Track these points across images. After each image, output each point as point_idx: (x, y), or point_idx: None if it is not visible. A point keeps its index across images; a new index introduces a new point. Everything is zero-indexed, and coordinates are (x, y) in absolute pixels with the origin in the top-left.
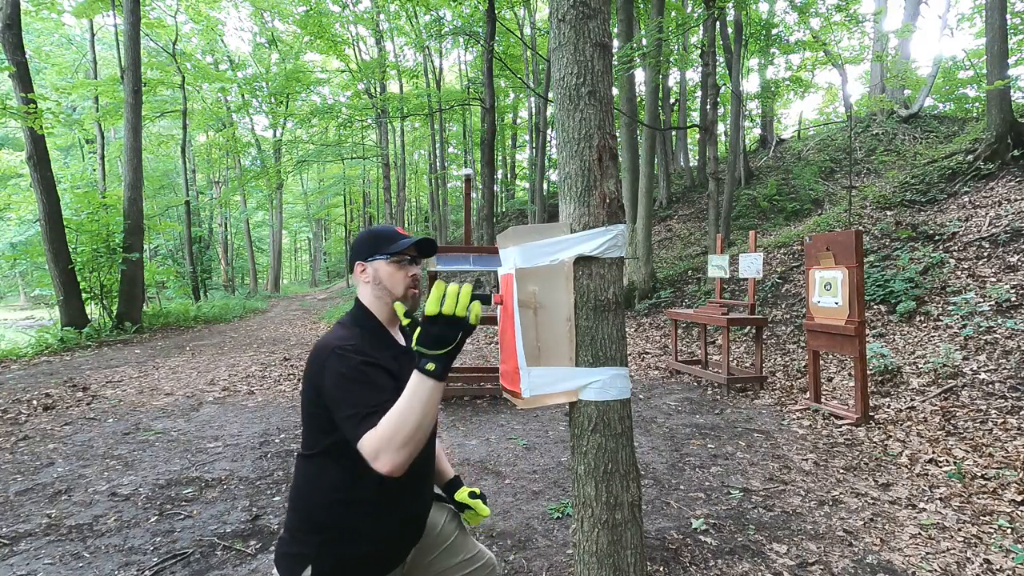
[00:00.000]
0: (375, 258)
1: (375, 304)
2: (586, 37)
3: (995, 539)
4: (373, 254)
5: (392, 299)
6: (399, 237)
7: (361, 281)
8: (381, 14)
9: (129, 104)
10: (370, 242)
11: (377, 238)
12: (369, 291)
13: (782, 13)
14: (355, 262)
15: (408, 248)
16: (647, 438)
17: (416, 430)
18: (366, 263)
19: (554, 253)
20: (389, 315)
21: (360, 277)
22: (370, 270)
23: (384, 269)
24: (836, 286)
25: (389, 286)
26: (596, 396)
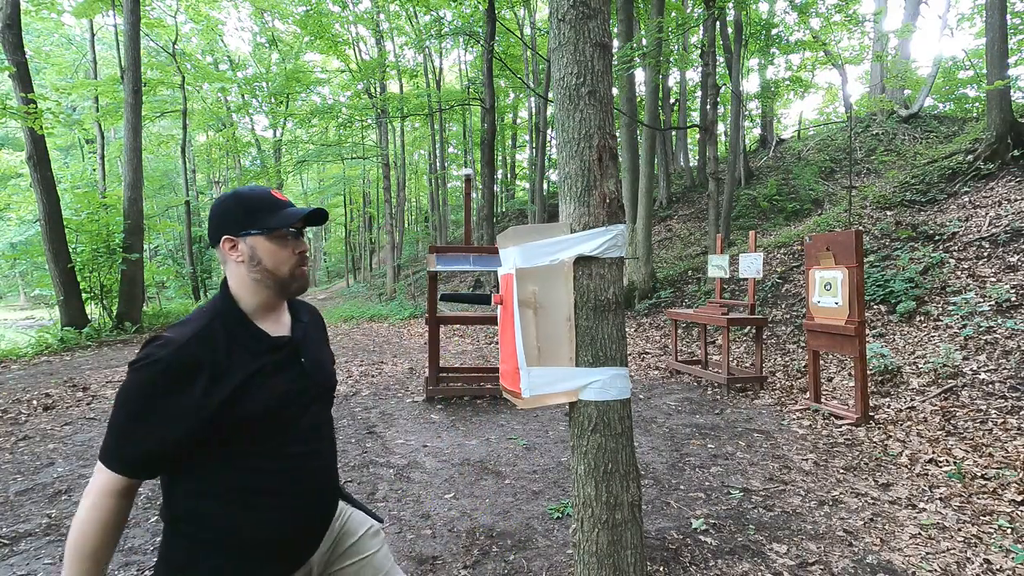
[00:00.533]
0: (250, 233)
1: (251, 288)
2: (586, 37)
3: (995, 539)
4: (247, 228)
5: (275, 282)
6: (280, 204)
7: (231, 260)
8: (381, 14)
9: (129, 104)
10: (242, 212)
11: (251, 207)
12: (243, 273)
13: (782, 13)
14: (221, 237)
15: (284, 222)
16: (647, 438)
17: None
18: (238, 239)
19: (554, 253)
20: (264, 301)
21: (229, 256)
22: (244, 248)
23: (264, 246)
24: (836, 286)
25: (272, 266)
26: (596, 396)
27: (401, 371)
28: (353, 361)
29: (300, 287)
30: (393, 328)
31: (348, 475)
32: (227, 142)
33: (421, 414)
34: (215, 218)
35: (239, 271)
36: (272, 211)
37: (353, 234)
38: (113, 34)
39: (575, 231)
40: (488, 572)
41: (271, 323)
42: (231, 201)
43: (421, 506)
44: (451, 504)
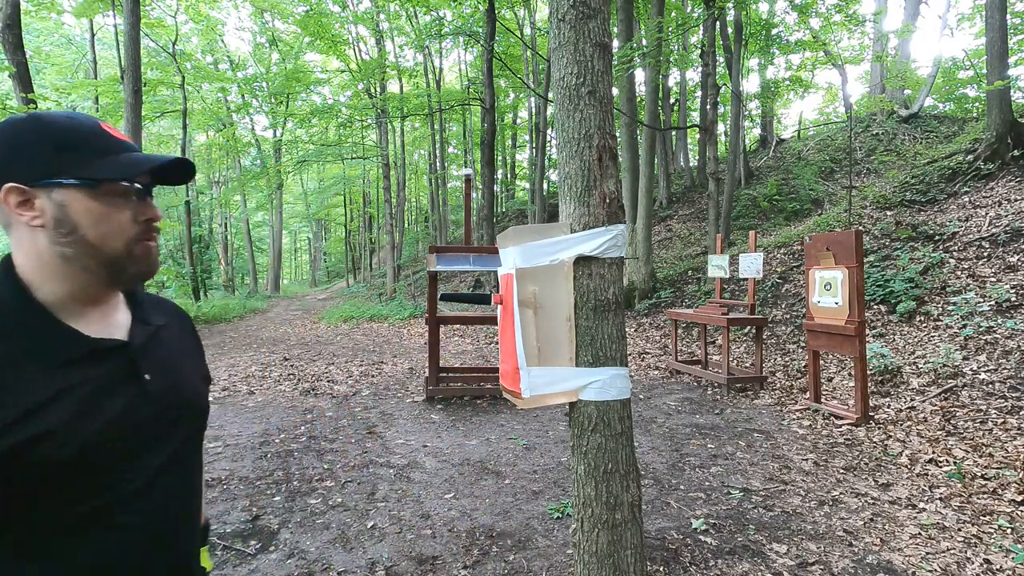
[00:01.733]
0: (60, 182)
1: (55, 269)
2: (586, 37)
3: (995, 539)
4: (55, 173)
5: (101, 260)
6: (116, 145)
7: (18, 222)
8: (381, 14)
9: (129, 104)
10: (49, 147)
11: (65, 141)
12: (41, 244)
13: (782, 13)
14: (3, 182)
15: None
16: (647, 438)
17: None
18: (35, 189)
19: (554, 253)
20: (78, 289)
21: (17, 215)
22: (47, 205)
23: (84, 206)
24: (836, 286)
25: (96, 238)
26: (596, 396)
27: (401, 371)
28: (353, 361)
29: (142, 271)
30: (393, 328)
31: (348, 475)
32: (227, 142)
33: (421, 414)
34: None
35: (34, 240)
36: (103, 152)
37: (353, 234)
38: (113, 34)
39: (575, 231)
40: (488, 572)
41: (93, 322)
42: (27, 128)
43: (421, 506)
44: (451, 504)
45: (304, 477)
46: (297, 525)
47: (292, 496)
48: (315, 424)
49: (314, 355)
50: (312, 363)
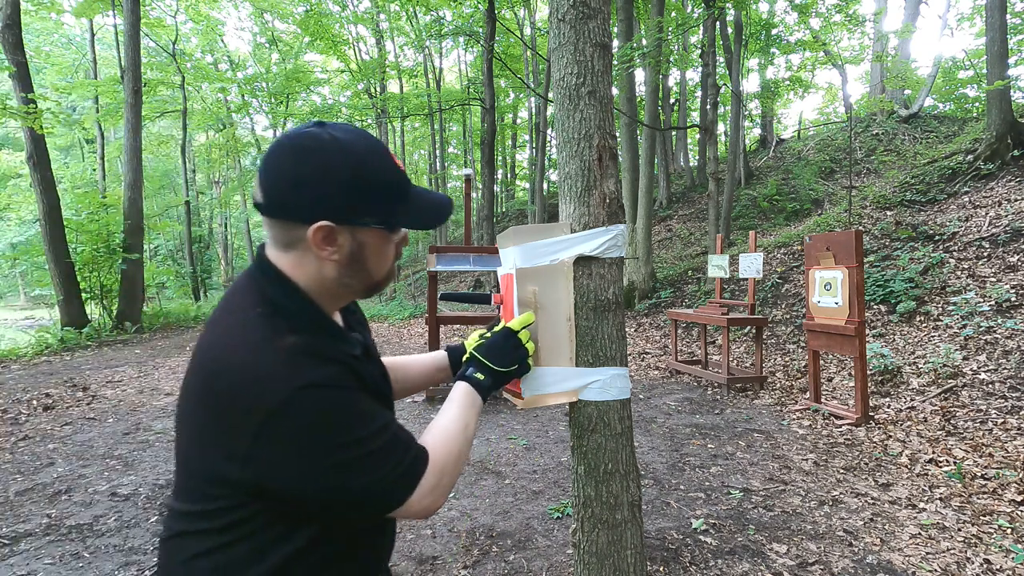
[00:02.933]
0: (367, 223)
1: (333, 294)
2: (586, 37)
3: (995, 539)
4: (366, 216)
5: (367, 286)
6: (403, 179)
7: (317, 254)
8: (381, 14)
9: (129, 104)
10: (362, 189)
11: (376, 183)
12: (328, 273)
13: (782, 13)
14: (316, 219)
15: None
16: (647, 438)
17: (462, 459)
18: (344, 227)
19: (554, 253)
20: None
21: (320, 250)
22: (347, 242)
23: (377, 243)
24: (836, 286)
25: (374, 268)
26: (596, 396)
27: None
28: None
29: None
30: (393, 328)
31: None
32: (227, 142)
33: (421, 414)
34: (313, 185)
35: (320, 269)
36: (401, 196)
37: None
38: (113, 34)
39: (575, 231)
40: (488, 572)
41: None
42: (341, 163)
43: None
44: (451, 504)
45: None
46: None
47: None
48: None
49: None
50: None
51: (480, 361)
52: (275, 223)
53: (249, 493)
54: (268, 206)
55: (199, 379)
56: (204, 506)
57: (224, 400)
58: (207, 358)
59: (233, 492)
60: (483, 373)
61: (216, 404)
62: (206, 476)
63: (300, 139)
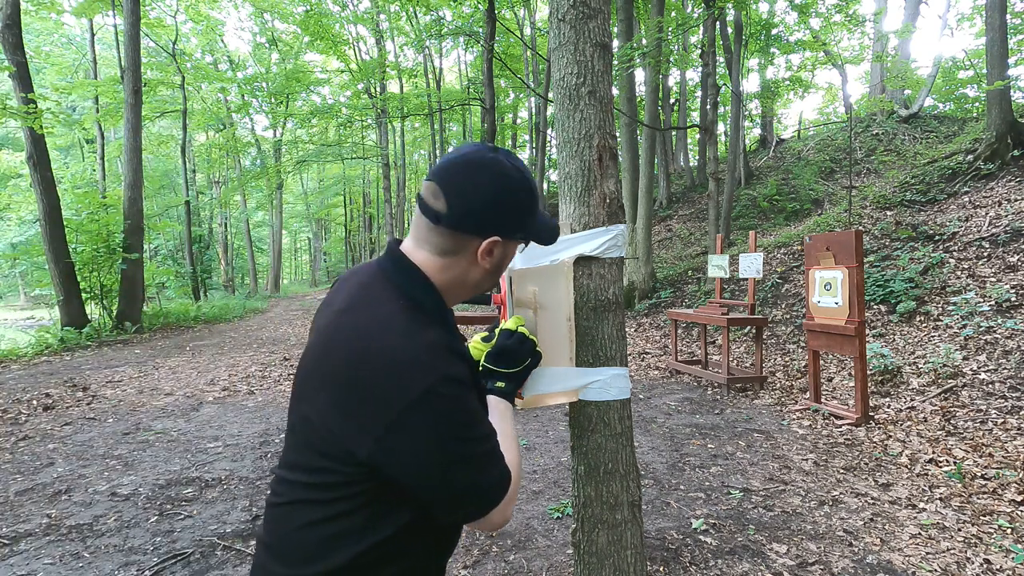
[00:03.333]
0: (516, 236)
1: (463, 292)
2: (586, 37)
3: (995, 539)
4: (520, 231)
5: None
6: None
7: (473, 262)
8: (381, 14)
9: (129, 104)
10: (524, 209)
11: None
12: (468, 277)
13: (782, 13)
14: (490, 233)
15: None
16: (647, 438)
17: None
18: (505, 240)
19: (554, 253)
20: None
21: (481, 259)
22: (499, 252)
23: (511, 253)
24: (836, 286)
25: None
26: (596, 396)
27: None
28: None
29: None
30: None
31: None
32: (227, 142)
33: None
34: (497, 205)
35: (468, 272)
36: (535, 212)
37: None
38: (113, 34)
39: (575, 231)
40: (488, 572)
41: None
42: (523, 189)
43: None
44: None
45: None
46: None
47: None
48: None
49: None
50: None
51: (493, 371)
52: (445, 232)
53: (369, 473)
54: (451, 217)
55: (338, 361)
56: (323, 479)
57: (367, 382)
58: (352, 342)
59: (355, 470)
60: (502, 380)
61: (359, 385)
62: (332, 452)
63: (489, 163)
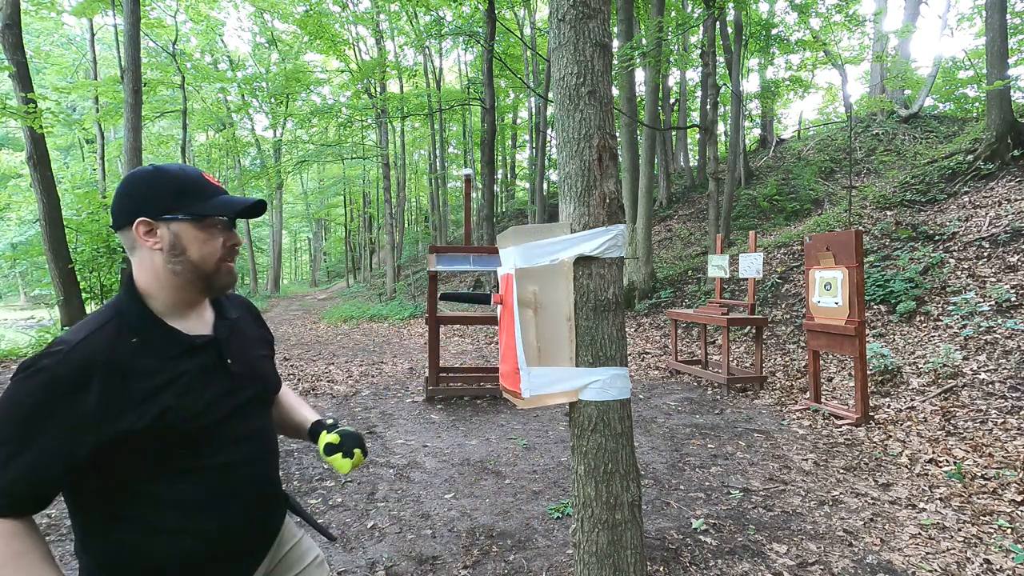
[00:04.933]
0: (176, 217)
1: (167, 282)
2: (586, 37)
3: (995, 539)
4: (172, 211)
5: (197, 276)
6: (212, 189)
7: (143, 247)
8: (381, 14)
9: (129, 104)
10: (168, 192)
11: (180, 188)
12: (158, 264)
13: (782, 13)
14: (135, 218)
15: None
16: (647, 438)
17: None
18: (158, 223)
19: (554, 253)
20: (182, 297)
21: (143, 242)
22: (165, 234)
23: (191, 235)
24: (836, 286)
25: (196, 259)
26: (596, 396)
27: (401, 371)
28: (353, 361)
29: (226, 284)
30: (393, 328)
31: (349, 475)
32: (227, 142)
33: (421, 414)
34: (127, 196)
35: (153, 261)
36: (204, 195)
37: (353, 234)
38: (113, 34)
39: (575, 231)
40: (488, 572)
41: (190, 321)
42: (153, 178)
43: (421, 506)
44: (451, 504)
45: (304, 477)
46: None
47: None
48: None
49: (314, 355)
50: (312, 363)
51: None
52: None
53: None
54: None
55: None
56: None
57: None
58: None
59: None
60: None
61: None
62: None
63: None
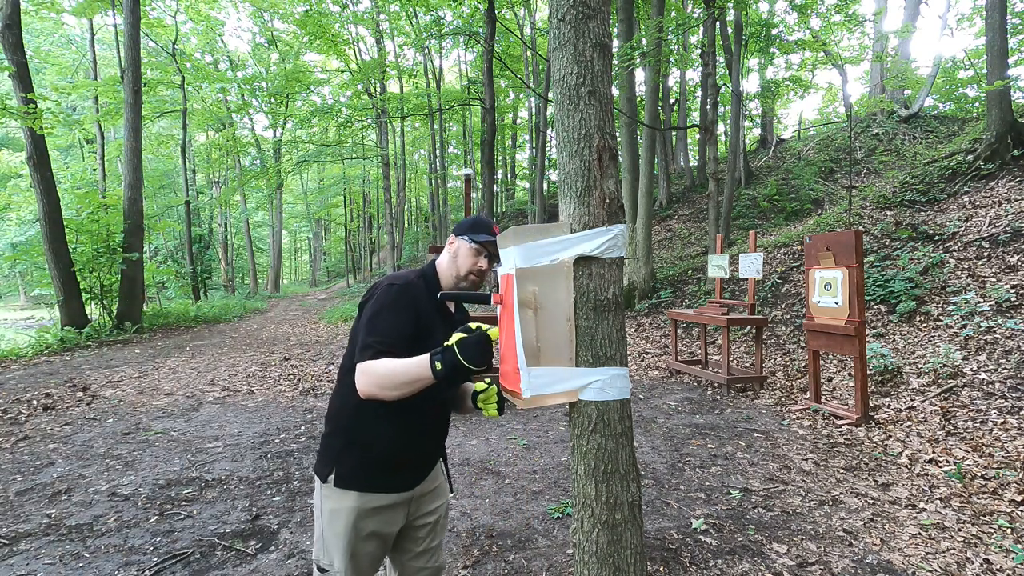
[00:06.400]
0: (463, 237)
1: (445, 270)
2: (586, 37)
3: (995, 539)
4: (465, 233)
5: (454, 273)
6: (488, 232)
7: (447, 249)
8: (381, 14)
9: (129, 104)
10: (468, 225)
11: (475, 225)
12: (447, 260)
13: (782, 13)
14: (453, 233)
15: (484, 243)
16: (647, 438)
17: (391, 387)
18: (457, 238)
19: (554, 253)
20: (449, 284)
21: (448, 247)
22: (457, 244)
23: (464, 249)
24: (836, 286)
25: (460, 264)
26: (596, 396)
27: None
28: None
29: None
30: None
31: None
32: (227, 142)
33: None
34: (457, 224)
35: (446, 258)
36: (483, 233)
37: (353, 234)
38: (113, 34)
39: (575, 231)
40: (488, 572)
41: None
42: (470, 218)
43: None
44: (451, 504)
45: (304, 477)
46: (297, 525)
47: (292, 496)
48: (315, 424)
49: (314, 355)
50: (312, 363)
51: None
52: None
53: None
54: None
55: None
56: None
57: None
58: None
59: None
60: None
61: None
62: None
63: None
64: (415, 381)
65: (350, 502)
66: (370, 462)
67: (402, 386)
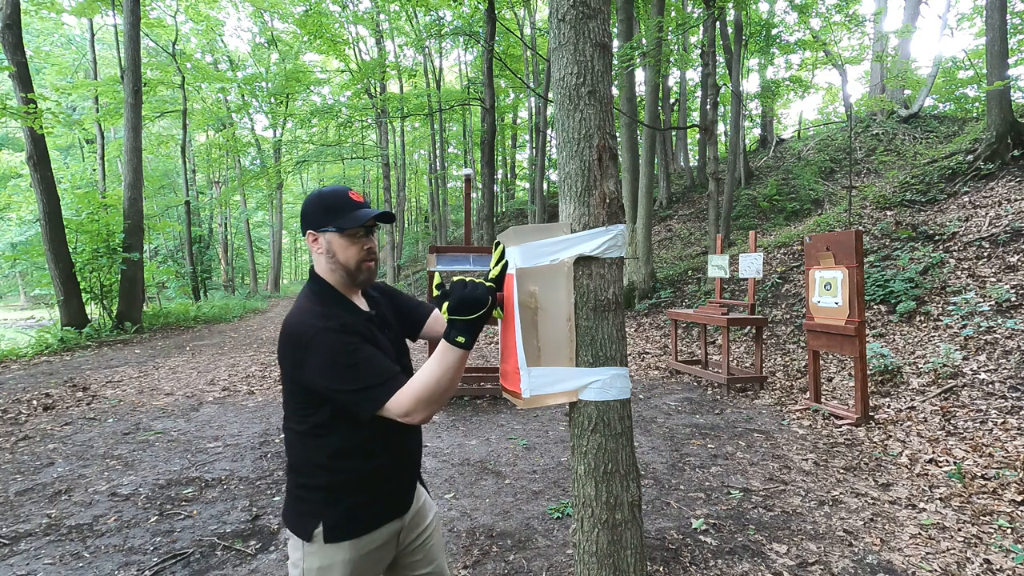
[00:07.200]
0: (326, 230)
1: (330, 276)
2: (586, 37)
3: (995, 539)
4: (324, 225)
5: (345, 272)
6: (352, 206)
7: (314, 251)
8: (381, 14)
9: (129, 104)
10: (320, 211)
11: (327, 207)
12: (324, 264)
13: (782, 13)
14: (306, 230)
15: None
16: (647, 438)
17: (444, 392)
18: (317, 233)
19: (554, 253)
20: (344, 283)
21: (312, 247)
22: (322, 241)
23: (337, 242)
24: (836, 286)
25: (343, 260)
26: (596, 396)
27: None
28: None
29: (366, 280)
30: None
31: None
32: (227, 142)
33: None
34: (302, 214)
35: (320, 261)
36: (345, 212)
37: None
38: (113, 34)
39: (575, 231)
40: (488, 572)
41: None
42: (314, 200)
43: None
44: (451, 504)
45: None
46: None
47: None
48: None
49: None
50: None
51: (454, 321)
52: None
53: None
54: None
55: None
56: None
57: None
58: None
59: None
60: (462, 334)
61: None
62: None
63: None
64: (452, 368)
65: (343, 555)
66: (362, 503)
67: (449, 384)
